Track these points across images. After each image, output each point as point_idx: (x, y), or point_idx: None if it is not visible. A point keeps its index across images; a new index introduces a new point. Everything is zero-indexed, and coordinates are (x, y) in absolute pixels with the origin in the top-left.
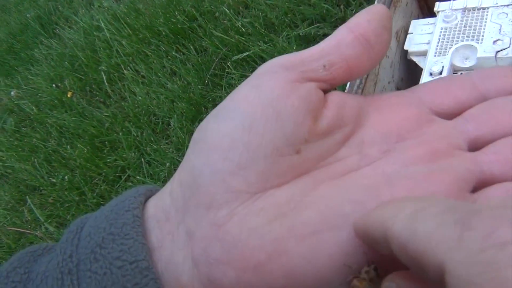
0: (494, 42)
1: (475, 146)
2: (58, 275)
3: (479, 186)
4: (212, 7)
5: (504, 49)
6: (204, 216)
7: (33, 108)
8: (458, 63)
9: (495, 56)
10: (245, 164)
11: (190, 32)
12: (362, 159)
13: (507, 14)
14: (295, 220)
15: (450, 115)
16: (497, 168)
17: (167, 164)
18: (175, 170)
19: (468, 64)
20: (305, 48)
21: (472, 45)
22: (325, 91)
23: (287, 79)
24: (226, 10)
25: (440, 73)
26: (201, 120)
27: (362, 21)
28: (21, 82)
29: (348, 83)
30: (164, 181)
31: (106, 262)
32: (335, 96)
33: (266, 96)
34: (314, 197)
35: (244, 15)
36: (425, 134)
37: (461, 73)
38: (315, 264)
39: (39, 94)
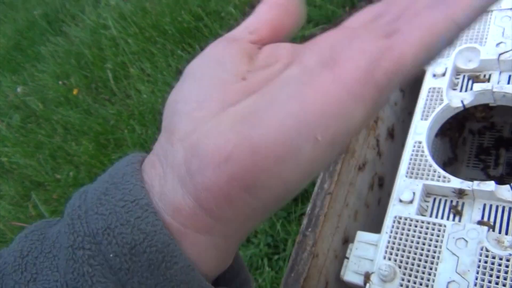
0: (497, 44)
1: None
2: (69, 221)
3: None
4: (219, 7)
5: (507, 51)
6: (178, 144)
7: (39, 104)
8: (461, 65)
9: (498, 58)
10: (203, 100)
11: (196, 31)
12: (302, 72)
13: (510, 17)
14: (252, 117)
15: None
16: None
17: None
18: None
19: (471, 66)
20: None
21: (475, 48)
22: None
23: (224, 43)
24: (232, 10)
25: (443, 74)
26: None
27: None
28: (28, 78)
29: None
30: None
31: (111, 204)
32: (270, 44)
33: (210, 55)
34: (265, 102)
35: (250, 15)
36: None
37: None
38: (279, 135)
39: (45, 91)
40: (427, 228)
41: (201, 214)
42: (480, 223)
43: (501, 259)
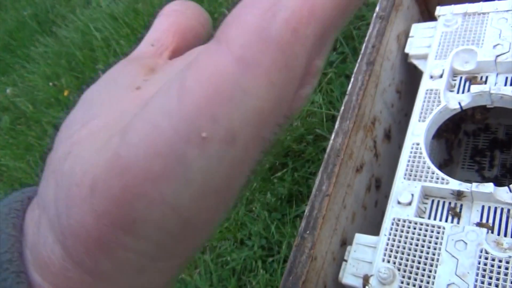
0: (494, 46)
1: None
2: None
3: None
4: (212, 8)
5: (504, 53)
6: (51, 176)
7: (29, 106)
8: (458, 67)
9: (495, 60)
10: (88, 120)
11: None
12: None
13: (507, 19)
14: (125, 128)
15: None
16: None
17: None
18: None
19: (468, 67)
20: None
21: (472, 49)
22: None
23: (123, 63)
24: (226, 11)
25: (441, 76)
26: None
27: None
28: (17, 79)
29: (350, 84)
30: None
31: None
32: (188, 51)
33: (106, 77)
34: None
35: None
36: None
37: None
38: (150, 143)
39: (35, 92)
40: (426, 230)
41: (73, 270)
42: (479, 225)
43: (500, 261)
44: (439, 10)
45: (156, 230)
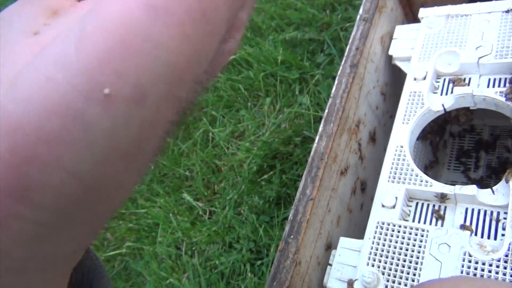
0: (477, 48)
1: None
2: None
3: None
4: None
5: (486, 55)
6: None
7: None
8: (442, 69)
9: (478, 62)
10: None
11: None
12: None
13: (489, 21)
14: (18, 82)
15: None
16: None
17: None
18: (158, 169)
19: (451, 69)
20: (291, 52)
21: (455, 51)
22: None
23: (19, 2)
24: None
25: (424, 78)
26: (184, 123)
27: None
28: None
29: (334, 87)
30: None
31: None
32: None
33: (4, 15)
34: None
35: None
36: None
37: None
38: (45, 99)
39: None
40: (410, 234)
41: None
42: (463, 227)
43: (484, 264)
44: (422, 12)
45: (54, 198)
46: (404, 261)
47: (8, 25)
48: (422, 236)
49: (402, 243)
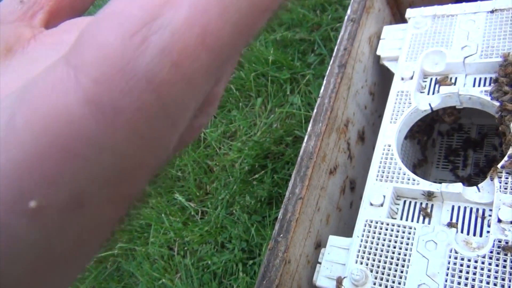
0: (462, 48)
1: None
2: None
3: None
4: None
5: (472, 55)
6: None
7: None
8: (428, 68)
9: (463, 61)
10: None
11: None
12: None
13: (474, 21)
14: None
15: None
16: None
17: None
18: None
19: (437, 69)
20: (282, 52)
21: (441, 51)
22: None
23: None
24: None
25: (411, 78)
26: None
27: None
28: None
29: (323, 87)
30: None
31: None
32: (69, 21)
33: None
34: None
35: None
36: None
37: None
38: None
39: None
40: (398, 231)
41: None
42: (449, 225)
43: (469, 260)
44: (409, 13)
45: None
46: (392, 258)
47: None
48: (410, 233)
49: (390, 241)
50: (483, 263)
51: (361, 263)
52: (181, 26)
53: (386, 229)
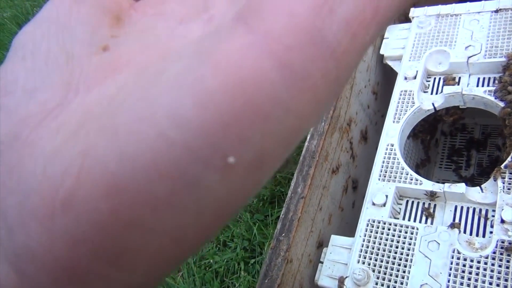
0: (466, 47)
1: None
2: None
3: None
4: None
5: (475, 54)
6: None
7: None
8: (432, 68)
9: (467, 61)
10: (36, 88)
11: None
12: (207, 32)
13: (478, 20)
14: (107, 118)
15: None
16: None
17: None
18: None
19: (441, 68)
20: None
21: (445, 50)
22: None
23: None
24: None
25: (415, 77)
26: None
27: None
28: None
29: None
30: None
31: None
32: None
33: (49, 18)
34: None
35: None
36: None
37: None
38: (149, 157)
39: None
40: (400, 231)
41: None
42: (452, 225)
43: (472, 261)
44: (413, 12)
45: (147, 262)
46: (394, 258)
47: (67, 32)
48: (412, 233)
49: (392, 241)
50: (486, 263)
51: (363, 263)
52: (360, 1)
53: (389, 229)
